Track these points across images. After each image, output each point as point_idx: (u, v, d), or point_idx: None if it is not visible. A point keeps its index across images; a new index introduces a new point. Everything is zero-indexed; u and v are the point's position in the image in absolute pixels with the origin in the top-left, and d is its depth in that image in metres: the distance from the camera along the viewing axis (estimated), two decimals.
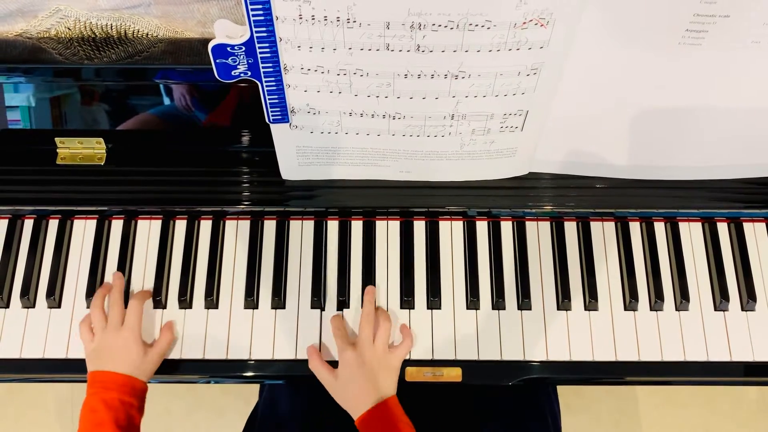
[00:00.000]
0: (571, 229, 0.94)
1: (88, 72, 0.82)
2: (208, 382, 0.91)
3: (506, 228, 0.94)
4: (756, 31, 0.66)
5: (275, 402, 0.98)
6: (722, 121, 0.79)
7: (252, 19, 0.64)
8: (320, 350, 0.88)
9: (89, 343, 0.85)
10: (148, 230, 0.94)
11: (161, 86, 0.85)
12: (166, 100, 0.87)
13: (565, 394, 1.58)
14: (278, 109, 0.75)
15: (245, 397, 1.59)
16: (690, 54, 0.68)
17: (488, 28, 0.64)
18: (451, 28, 0.64)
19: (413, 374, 0.87)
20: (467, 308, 0.90)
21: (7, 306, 0.91)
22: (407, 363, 0.87)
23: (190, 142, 0.92)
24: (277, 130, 0.80)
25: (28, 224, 0.94)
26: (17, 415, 1.59)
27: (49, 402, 1.60)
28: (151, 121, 0.89)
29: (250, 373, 0.88)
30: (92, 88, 0.85)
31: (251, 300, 0.90)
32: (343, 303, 0.90)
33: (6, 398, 1.61)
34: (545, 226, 0.94)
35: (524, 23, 0.64)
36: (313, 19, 0.63)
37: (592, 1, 0.63)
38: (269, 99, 0.74)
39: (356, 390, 0.80)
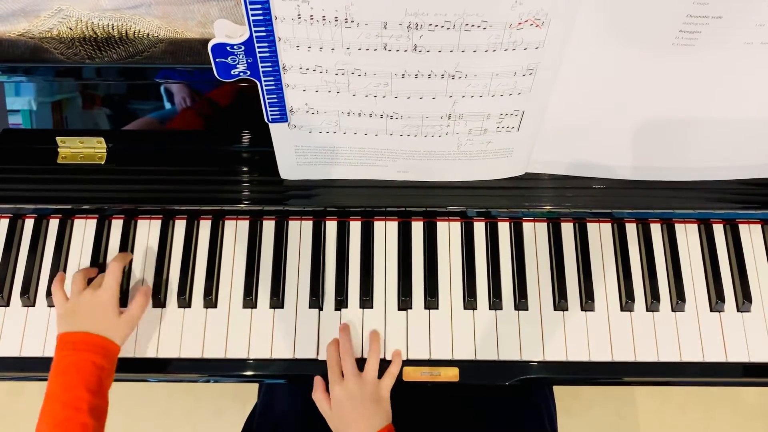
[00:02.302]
0: (568, 229, 0.94)
1: (89, 71, 0.83)
2: (207, 381, 0.92)
3: (503, 228, 0.94)
4: (748, 32, 0.66)
5: (273, 402, 0.98)
6: (718, 122, 0.80)
7: (251, 18, 0.64)
8: (317, 351, 0.88)
9: (62, 304, 0.83)
10: (148, 229, 0.94)
11: (162, 86, 0.85)
12: (167, 100, 0.88)
13: (563, 397, 1.58)
14: (277, 108, 0.76)
15: (243, 398, 1.59)
16: (683, 55, 0.69)
17: (484, 29, 0.65)
18: (448, 29, 0.64)
19: (411, 374, 0.87)
20: (465, 308, 0.90)
21: (8, 305, 0.91)
22: (405, 363, 0.87)
23: (189, 141, 0.92)
24: (276, 130, 0.80)
25: (29, 223, 0.95)
26: (17, 417, 1.60)
27: None
28: (151, 121, 0.90)
29: (248, 372, 0.88)
30: (93, 88, 0.86)
31: (250, 299, 0.90)
32: (341, 303, 0.90)
33: (6, 399, 1.61)
34: (542, 227, 0.94)
35: (520, 24, 0.64)
36: (311, 18, 0.64)
37: (586, 2, 0.64)
38: (268, 98, 0.75)
39: (350, 424, 0.80)
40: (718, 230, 0.95)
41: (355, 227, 0.95)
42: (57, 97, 0.88)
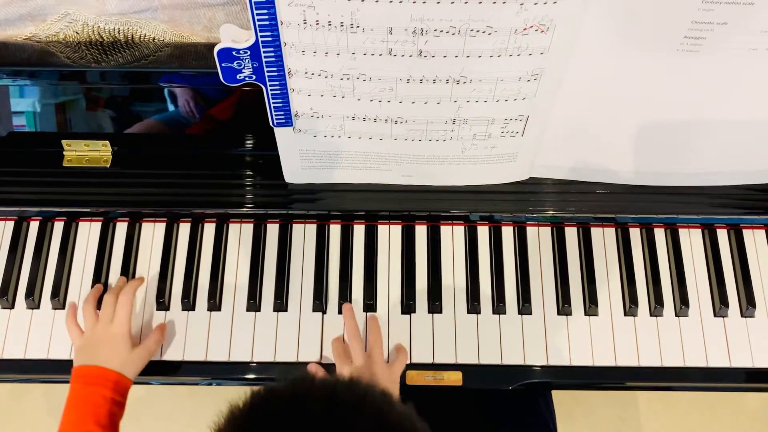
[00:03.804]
0: (571, 234, 0.94)
1: (94, 75, 0.83)
2: (210, 384, 0.92)
3: (507, 233, 0.94)
4: (753, 38, 0.66)
5: None
6: (722, 128, 0.80)
7: (257, 23, 0.65)
8: (321, 354, 0.88)
9: (77, 338, 0.85)
10: (153, 232, 0.95)
11: (167, 90, 0.86)
12: (172, 104, 0.88)
13: (566, 401, 1.58)
14: (282, 112, 0.76)
15: None
16: (688, 61, 0.69)
17: (489, 34, 0.65)
18: (453, 34, 0.65)
19: (414, 377, 0.87)
20: (468, 312, 0.90)
21: (12, 307, 0.91)
22: (408, 367, 0.87)
23: (194, 145, 0.93)
24: (281, 134, 0.81)
25: (34, 226, 0.95)
26: (20, 419, 1.60)
27: (53, 405, 1.60)
28: (156, 125, 0.90)
29: (252, 376, 0.88)
30: (99, 92, 0.87)
31: (254, 302, 0.90)
32: None
33: (8, 401, 1.61)
34: (546, 231, 0.95)
35: (525, 29, 0.65)
36: (317, 24, 0.65)
37: (591, 8, 0.64)
38: (273, 103, 0.75)
39: None
40: (722, 235, 0.95)
41: (358, 231, 0.95)
42: (62, 100, 0.88)
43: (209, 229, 0.95)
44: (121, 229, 0.95)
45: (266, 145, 0.86)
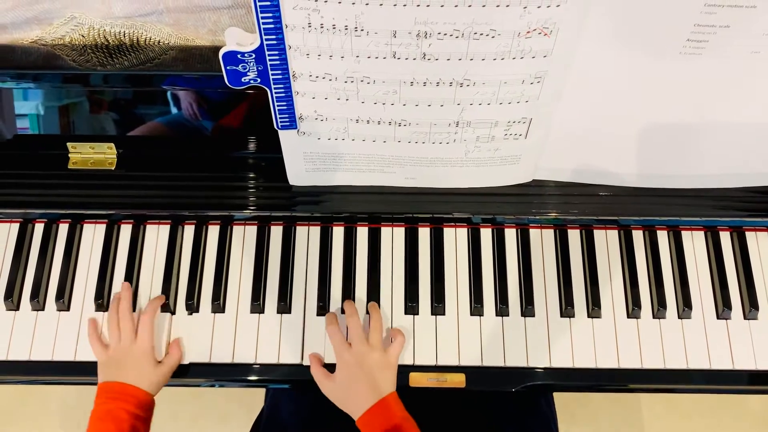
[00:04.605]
0: (574, 236, 0.95)
1: (98, 78, 0.84)
2: (213, 386, 0.92)
3: (510, 235, 0.95)
4: (755, 41, 0.67)
5: (279, 408, 0.98)
6: (724, 130, 0.80)
7: (262, 27, 0.65)
8: (324, 353, 0.88)
9: (102, 355, 0.86)
10: (157, 235, 0.95)
11: (174, 94, 0.86)
12: (177, 107, 0.89)
13: (569, 403, 1.58)
14: (287, 115, 0.77)
15: (249, 404, 1.59)
16: (691, 64, 0.70)
17: (493, 37, 0.65)
18: (457, 37, 0.65)
19: (417, 380, 0.87)
20: (471, 314, 0.91)
21: (17, 309, 0.92)
22: (411, 369, 0.88)
23: (199, 148, 0.93)
24: (285, 137, 0.81)
25: (39, 228, 0.95)
26: (23, 421, 1.60)
27: (55, 408, 1.61)
28: (161, 127, 0.91)
29: (255, 378, 0.89)
30: (104, 95, 0.87)
31: (257, 304, 0.91)
32: None
33: (12, 403, 1.61)
34: (549, 234, 0.95)
35: (528, 32, 0.65)
36: (321, 27, 0.65)
37: (594, 11, 0.64)
38: (278, 105, 0.75)
39: (356, 390, 0.80)
40: (725, 238, 0.95)
41: (362, 233, 0.95)
42: (67, 103, 0.88)
43: (213, 232, 0.95)
44: (126, 231, 0.95)
45: (270, 147, 0.86)
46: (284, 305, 0.90)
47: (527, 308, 0.90)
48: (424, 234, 0.95)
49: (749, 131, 0.80)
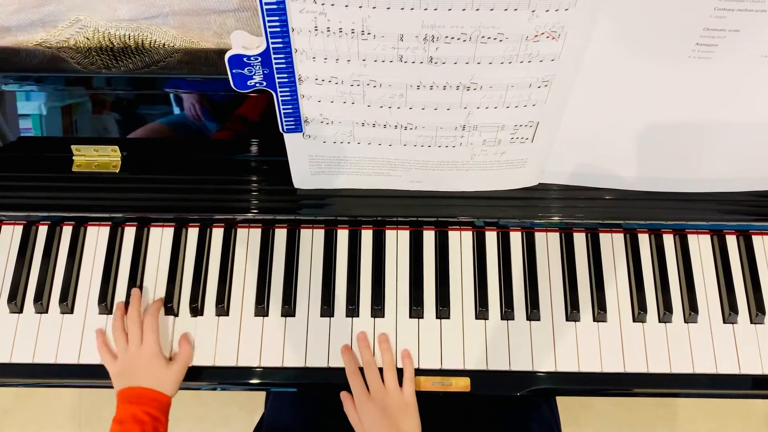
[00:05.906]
0: (580, 240, 0.94)
1: (102, 81, 0.83)
2: (214, 389, 0.92)
3: (515, 238, 0.94)
4: (765, 45, 0.66)
5: (281, 413, 0.98)
6: (732, 134, 0.80)
7: (268, 30, 0.65)
8: (328, 359, 0.88)
9: (112, 365, 0.86)
10: (161, 237, 0.95)
11: (177, 95, 0.86)
12: (181, 110, 0.88)
13: (572, 406, 1.57)
14: (292, 119, 0.77)
15: (250, 407, 1.59)
16: (700, 67, 0.69)
17: (500, 41, 0.65)
18: (464, 41, 0.65)
19: (422, 383, 0.87)
20: (476, 318, 0.90)
21: (21, 311, 0.91)
22: (416, 372, 0.87)
23: (203, 150, 0.93)
24: (291, 140, 0.81)
25: (42, 230, 0.95)
26: (26, 424, 1.60)
27: (58, 410, 1.61)
28: (165, 130, 0.91)
29: (259, 381, 0.88)
30: (108, 97, 0.87)
31: (261, 307, 0.90)
32: (352, 311, 0.90)
33: (15, 406, 1.61)
34: (554, 237, 0.94)
35: (536, 36, 0.65)
36: (328, 30, 0.65)
37: (603, 15, 0.64)
38: (283, 109, 0.75)
39: None
40: (732, 241, 0.94)
41: (366, 236, 0.95)
42: (71, 106, 0.88)
43: (217, 234, 0.95)
44: (130, 233, 0.95)
45: (275, 150, 0.86)
46: (288, 308, 0.90)
47: (532, 312, 0.90)
48: (428, 237, 0.95)
49: (757, 135, 0.80)
